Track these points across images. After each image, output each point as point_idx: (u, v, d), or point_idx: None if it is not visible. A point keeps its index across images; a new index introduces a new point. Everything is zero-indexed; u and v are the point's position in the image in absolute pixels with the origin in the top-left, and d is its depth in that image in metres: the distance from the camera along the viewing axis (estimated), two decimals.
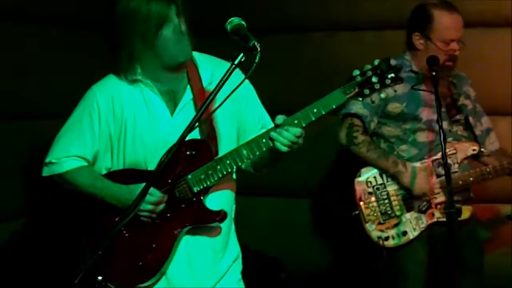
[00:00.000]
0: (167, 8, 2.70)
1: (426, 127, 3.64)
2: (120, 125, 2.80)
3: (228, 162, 2.71)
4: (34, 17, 3.85)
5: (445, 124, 3.61)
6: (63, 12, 4.05)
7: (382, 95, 2.61)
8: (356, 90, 2.58)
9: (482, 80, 4.26)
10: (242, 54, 2.48)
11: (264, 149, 2.68)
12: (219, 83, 2.48)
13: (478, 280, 3.72)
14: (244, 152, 2.69)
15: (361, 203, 3.65)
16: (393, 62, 3.60)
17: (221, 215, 2.77)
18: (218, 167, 2.72)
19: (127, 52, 2.75)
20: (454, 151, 3.61)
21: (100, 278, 2.39)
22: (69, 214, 2.95)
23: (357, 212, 3.65)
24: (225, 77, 2.47)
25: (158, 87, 2.81)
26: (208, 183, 2.74)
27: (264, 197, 4.66)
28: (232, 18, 2.59)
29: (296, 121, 2.61)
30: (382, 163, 3.62)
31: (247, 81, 2.80)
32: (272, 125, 2.72)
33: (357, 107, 3.67)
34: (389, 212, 3.64)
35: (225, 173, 2.73)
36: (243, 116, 2.90)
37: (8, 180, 3.68)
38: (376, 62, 2.58)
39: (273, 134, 2.62)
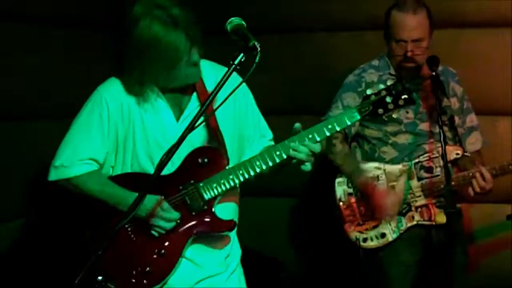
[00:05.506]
0: (185, 40, 2.65)
1: (406, 129, 3.60)
2: (127, 127, 2.78)
3: (240, 172, 2.73)
4: (35, 17, 3.84)
5: (427, 126, 3.59)
6: (64, 12, 4.04)
7: (394, 116, 2.66)
8: (371, 108, 2.65)
9: (482, 80, 4.27)
10: (242, 54, 2.48)
11: (277, 161, 2.71)
12: (218, 84, 2.48)
13: (466, 281, 3.66)
14: (258, 163, 2.72)
15: (341, 203, 3.63)
16: (375, 62, 3.60)
17: (232, 225, 2.81)
18: (231, 176, 2.74)
19: (138, 73, 2.71)
20: (437, 155, 3.55)
21: (100, 278, 2.39)
22: (71, 213, 2.91)
23: (337, 212, 3.63)
24: (225, 77, 2.47)
25: (165, 94, 2.81)
26: (220, 191, 2.75)
27: (264, 198, 4.66)
28: (232, 18, 2.58)
29: (310, 136, 2.68)
30: (354, 179, 3.59)
31: (247, 89, 2.88)
32: (270, 132, 2.97)
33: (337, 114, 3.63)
34: (368, 214, 3.60)
35: (237, 182, 2.75)
36: (243, 124, 2.92)
37: (8, 180, 3.67)
38: (390, 82, 2.64)
39: (293, 144, 2.68)
